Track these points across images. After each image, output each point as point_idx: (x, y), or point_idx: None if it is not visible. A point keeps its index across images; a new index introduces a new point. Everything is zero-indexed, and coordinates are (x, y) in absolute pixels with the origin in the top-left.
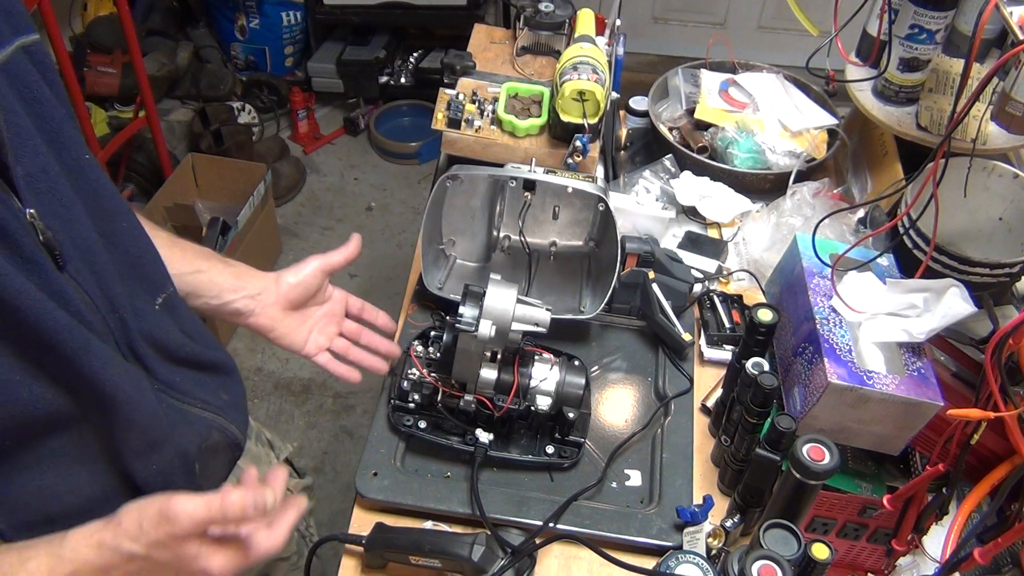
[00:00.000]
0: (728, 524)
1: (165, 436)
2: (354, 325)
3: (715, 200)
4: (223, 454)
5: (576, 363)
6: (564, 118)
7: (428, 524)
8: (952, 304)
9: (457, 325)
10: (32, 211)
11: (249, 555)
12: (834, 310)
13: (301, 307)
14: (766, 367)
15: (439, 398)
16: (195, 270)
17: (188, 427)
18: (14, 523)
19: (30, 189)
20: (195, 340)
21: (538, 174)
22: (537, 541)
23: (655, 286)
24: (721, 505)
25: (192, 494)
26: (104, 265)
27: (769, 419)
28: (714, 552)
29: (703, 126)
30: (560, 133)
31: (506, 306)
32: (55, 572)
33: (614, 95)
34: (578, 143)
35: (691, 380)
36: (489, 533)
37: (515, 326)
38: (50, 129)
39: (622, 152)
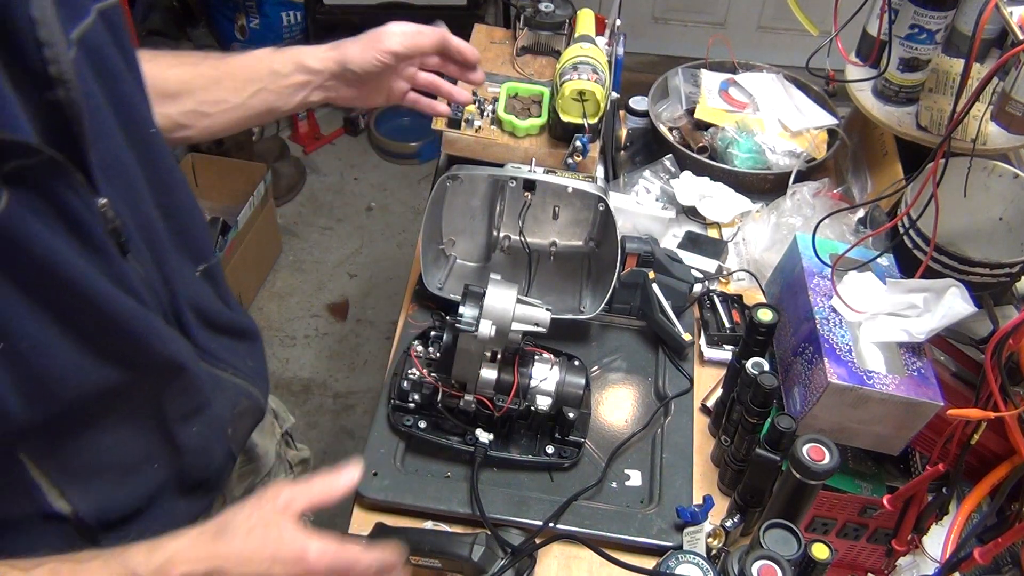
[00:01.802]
0: (728, 524)
1: (207, 402)
2: (436, 60)
3: (715, 200)
4: (249, 418)
5: (576, 363)
6: (564, 118)
7: (428, 524)
8: (952, 304)
9: (457, 325)
10: (104, 200)
11: None
12: (834, 310)
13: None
14: (766, 367)
15: (439, 398)
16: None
17: (222, 393)
18: (65, 473)
19: (104, 176)
20: (230, 307)
21: (538, 174)
22: (537, 541)
23: (655, 286)
24: (721, 505)
25: (329, 543)
26: (160, 239)
27: (769, 419)
28: (714, 552)
29: (703, 126)
30: (560, 133)
31: (506, 306)
32: None
33: (614, 95)
34: (578, 143)
35: (691, 380)
36: (489, 533)
37: (515, 326)
38: (122, 105)
39: (622, 152)
